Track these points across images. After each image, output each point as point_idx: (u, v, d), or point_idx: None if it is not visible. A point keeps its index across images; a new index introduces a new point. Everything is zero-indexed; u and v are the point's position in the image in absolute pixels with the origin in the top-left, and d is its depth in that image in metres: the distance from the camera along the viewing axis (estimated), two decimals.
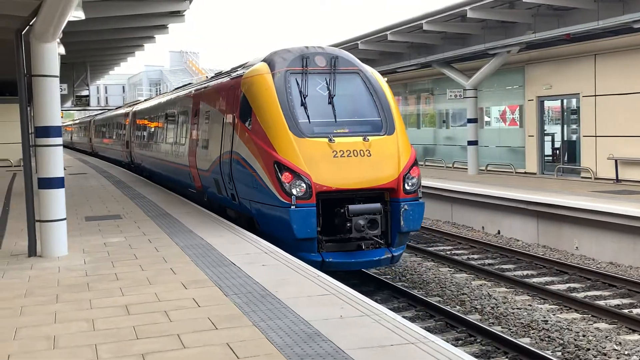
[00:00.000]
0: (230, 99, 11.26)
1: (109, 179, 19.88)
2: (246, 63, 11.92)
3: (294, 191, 9.45)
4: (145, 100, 25.32)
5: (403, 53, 21.28)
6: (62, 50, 12.57)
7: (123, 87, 74.81)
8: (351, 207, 9.40)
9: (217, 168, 11.53)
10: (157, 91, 66.53)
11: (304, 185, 9.50)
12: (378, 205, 9.51)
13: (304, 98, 10.06)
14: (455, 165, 23.58)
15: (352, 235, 9.32)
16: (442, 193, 17.14)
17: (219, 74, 14.03)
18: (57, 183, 8.29)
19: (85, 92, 29.46)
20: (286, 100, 9.93)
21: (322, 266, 9.22)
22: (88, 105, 27.62)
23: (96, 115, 39.00)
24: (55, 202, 8.25)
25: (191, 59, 75.51)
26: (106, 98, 72.28)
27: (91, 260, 8.06)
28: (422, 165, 24.07)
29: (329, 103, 10.27)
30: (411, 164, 9.87)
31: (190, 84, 18.37)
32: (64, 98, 34.35)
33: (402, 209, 9.81)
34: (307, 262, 8.70)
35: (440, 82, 24.76)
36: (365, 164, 9.78)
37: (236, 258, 7.90)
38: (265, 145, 9.71)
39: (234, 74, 11.68)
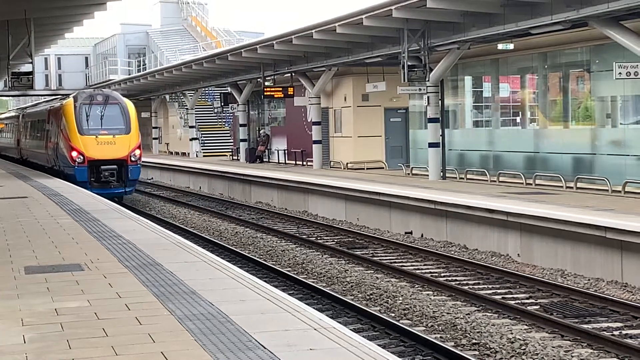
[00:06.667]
0: (58, 115, 30.80)
1: (63, 206, 19.07)
2: (69, 94, 33.41)
3: (77, 160, 28.16)
4: (31, 106, 53.14)
5: (543, 3, 20.10)
6: None
7: (86, 58, 65.74)
8: (102, 166, 28.17)
9: (53, 152, 31.55)
10: (138, 65, 61.77)
11: (82, 157, 28.16)
12: (115, 166, 28.23)
13: (88, 117, 28.79)
14: (628, 189, 20.74)
15: (104, 180, 28.18)
16: None
17: (62, 96, 41.28)
18: None
19: (27, 67, 26.27)
20: (79, 117, 28.81)
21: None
22: (31, 87, 24.51)
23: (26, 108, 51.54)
24: None
25: (195, 14, 66.32)
26: (59, 76, 63.87)
27: (35, 338, 7.13)
28: (571, 187, 22.03)
29: (101, 119, 28.86)
30: (135, 149, 28.62)
31: (56, 98, 43.33)
32: None
33: (129, 169, 28.49)
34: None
35: (602, 51, 22.49)
36: (112, 147, 28.44)
37: (266, 336, 6.96)
38: (68, 139, 28.97)
39: (63, 101, 31.37)
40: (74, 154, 28.12)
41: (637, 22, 19.32)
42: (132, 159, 28.31)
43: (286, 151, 39.53)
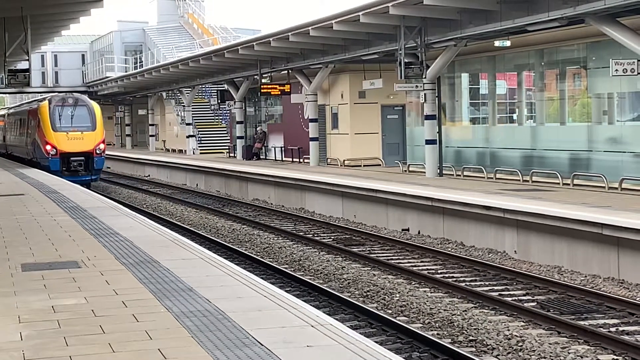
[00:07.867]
0: (35, 115, 37.24)
1: (60, 203, 19.07)
2: (45, 97, 40.36)
3: (51, 152, 34.56)
4: (15, 106, 58.96)
5: (539, 0, 20.37)
6: None
7: (83, 55, 65.60)
8: (72, 158, 34.68)
9: (32, 146, 38.20)
10: (135, 62, 61.63)
11: (55, 150, 34.50)
12: (83, 157, 34.67)
13: (60, 116, 35.13)
14: (625, 186, 20.75)
15: (73, 169, 34.60)
16: None
17: (42, 98, 45.64)
18: None
19: (23, 65, 26.12)
20: (52, 117, 35.14)
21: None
22: (28, 84, 24.44)
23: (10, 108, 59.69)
24: None
25: (192, 11, 66.10)
26: (56, 74, 63.79)
27: (32, 335, 7.06)
28: (567, 184, 22.04)
29: (71, 118, 35.10)
30: (100, 143, 35.08)
31: (35, 100, 46.57)
32: None
33: (95, 160, 34.94)
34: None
35: (599, 48, 22.48)
36: (80, 142, 34.77)
37: (263, 333, 6.89)
38: (43, 135, 35.38)
39: (40, 103, 37.58)
40: (48, 147, 34.18)
41: (633, 19, 19.31)
42: (97, 151, 34.59)
43: (283, 148, 39.55)
